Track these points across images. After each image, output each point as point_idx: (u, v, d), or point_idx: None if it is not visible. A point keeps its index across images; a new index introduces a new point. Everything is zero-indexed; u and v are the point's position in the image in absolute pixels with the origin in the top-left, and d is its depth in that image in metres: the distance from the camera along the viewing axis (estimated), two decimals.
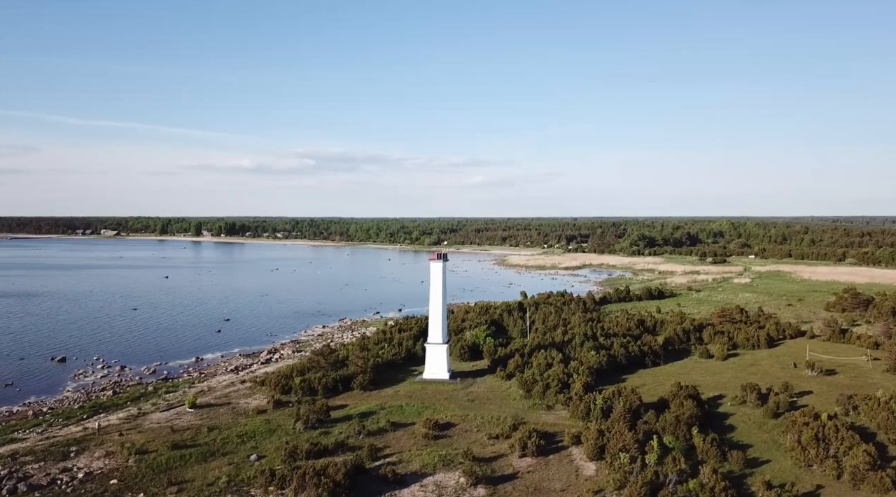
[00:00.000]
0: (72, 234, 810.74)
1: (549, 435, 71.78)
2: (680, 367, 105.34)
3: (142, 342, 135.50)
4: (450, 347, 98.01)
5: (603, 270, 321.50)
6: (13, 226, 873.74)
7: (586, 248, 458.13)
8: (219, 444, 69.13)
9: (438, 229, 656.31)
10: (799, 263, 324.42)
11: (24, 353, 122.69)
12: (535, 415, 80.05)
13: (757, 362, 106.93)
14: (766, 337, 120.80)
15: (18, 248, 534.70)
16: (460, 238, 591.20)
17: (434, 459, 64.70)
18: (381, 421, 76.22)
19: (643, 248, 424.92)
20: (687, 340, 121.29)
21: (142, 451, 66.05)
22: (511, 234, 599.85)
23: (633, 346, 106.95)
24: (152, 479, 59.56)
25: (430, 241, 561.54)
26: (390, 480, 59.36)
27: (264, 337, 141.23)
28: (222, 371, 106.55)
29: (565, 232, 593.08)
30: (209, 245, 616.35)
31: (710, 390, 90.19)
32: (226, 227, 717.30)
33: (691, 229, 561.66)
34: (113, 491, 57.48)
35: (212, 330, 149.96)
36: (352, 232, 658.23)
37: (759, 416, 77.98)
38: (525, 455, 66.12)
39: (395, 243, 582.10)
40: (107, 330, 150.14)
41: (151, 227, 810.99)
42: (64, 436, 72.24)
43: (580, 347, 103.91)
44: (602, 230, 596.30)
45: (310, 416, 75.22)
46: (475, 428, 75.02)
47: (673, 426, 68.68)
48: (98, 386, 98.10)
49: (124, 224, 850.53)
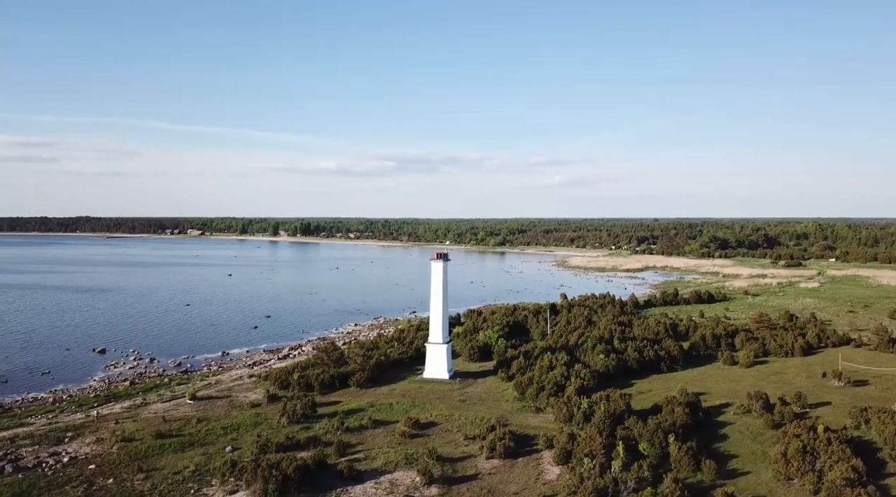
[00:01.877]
0: (161, 233, 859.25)
1: (526, 438, 70.65)
2: (698, 373, 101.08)
3: (181, 336, 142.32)
4: (451, 347, 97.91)
5: (665, 273, 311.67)
6: (110, 226, 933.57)
7: (654, 250, 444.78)
8: (202, 435, 71.92)
9: (507, 230, 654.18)
10: (882, 268, 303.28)
11: (71, 344, 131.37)
12: (521, 417, 78.90)
13: (783, 371, 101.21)
14: (804, 344, 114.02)
15: (111, 247, 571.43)
16: (528, 239, 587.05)
17: (399, 458, 64.94)
18: (363, 418, 77.05)
19: (714, 251, 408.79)
20: (717, 346, 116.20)
21: (128, 439, 69.59)
22: (580, 235, 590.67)
23: (649, 350, 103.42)
24: (126, 466, 62.64)
25: (494, 242, 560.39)
26: (346, 476, 60.07)
27: (296, 333, 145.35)
28: (240, 365, 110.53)
29: (636, 233, 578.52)
30: (284, 245, 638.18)
31: (719, 398, 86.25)
32: (301, 228, 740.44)
33: (772, 231, 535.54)
34: (87, 475, 60.89)
35: (250, 326, 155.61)
36: (420, 232, 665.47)
37: (759, 426, 73.94)
38: (492, 457, 65.38)
39: (461, 244, 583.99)
40: (155, 324, 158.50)
41: (233, 227, 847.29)
42: (67, 422, 77.03)
43: (591, 350, 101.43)
44: (676, 231, 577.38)
45: (295, 411, 77.00)
46: (456, 428, 74.74)
47: (651, 433, 66.20)
48: (121, 376, 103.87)
49: (209, 224, 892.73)
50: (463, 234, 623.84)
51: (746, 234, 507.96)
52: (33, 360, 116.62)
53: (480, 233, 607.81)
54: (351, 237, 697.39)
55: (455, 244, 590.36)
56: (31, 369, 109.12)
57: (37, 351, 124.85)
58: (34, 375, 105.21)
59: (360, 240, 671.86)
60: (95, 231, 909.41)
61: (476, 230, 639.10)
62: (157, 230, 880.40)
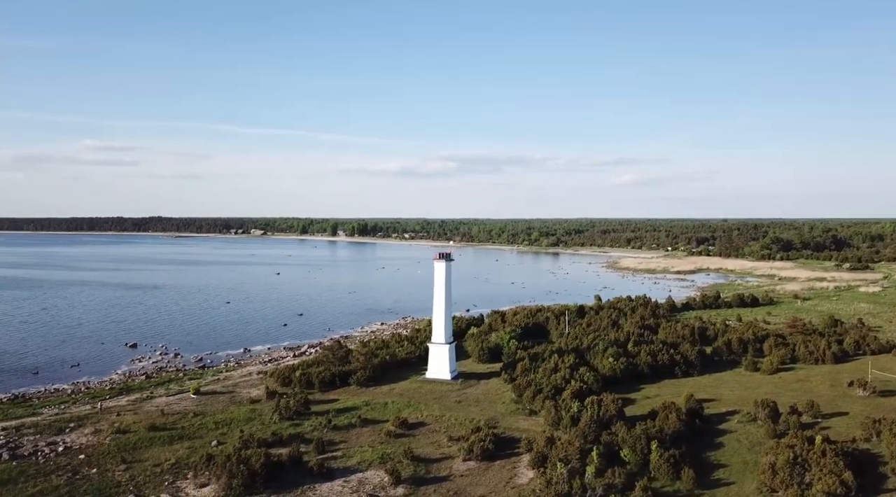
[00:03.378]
0: (226, 233, 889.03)
1: (510, 440, 69.51)
2: (714, 379, 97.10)
3: (212, 332, 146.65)
4: (454, 347, 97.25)
5: (718, 275, 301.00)
6: (180, 226, 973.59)
7: (712, 252, 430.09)
8: (193, 429, 73.84)
9: (563, 230, 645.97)
10: None
11: (108, 339, 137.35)
12: (512, 419, 77.65)
13: (807, 378, 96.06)
14: (837, 351, 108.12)
15: (175, 246, 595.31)
16: (583, 240, 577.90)
17: (374, 457, 64.96)
18: (354, 417, 77.39)
19: (775, 252, 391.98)
20: (743, 351, 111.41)
21: (122, 431, 72.12)
22: (637, 235, 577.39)
23: (664, 354, 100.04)
24: (112, 457, 64.85)
25: (547, 243, 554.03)
26: (316, 474, 60.47)
27: (321, 331, 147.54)
28: (256, 362, 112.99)
29: (696, 234, 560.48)
30: (341, 245, 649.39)
31: (728, 405, 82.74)
32: (358, 228, 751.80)
33: (844, 232, 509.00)
34: (75, 465, 63.41)
35: (281, 324, 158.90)
36: (474, 233, 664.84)
37: (760, 436, 70.47)
38: (469, 459, 64.61)
39: (514, 244, 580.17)
40: (192, 320, 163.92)
41: (294, 227, 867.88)
42: (73, 413, 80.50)
43: (602, 354, 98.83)
44: (740, 231, 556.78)
45: (288, 407, 78.09)
46: (443, 429, 74.19)
47: (634, 439, 63.98)
48: (142, 370, 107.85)
49: (271, 224, 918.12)
50: (517, 234, 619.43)
51: (814, 235, 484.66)
52: (68, 352, 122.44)
53: (534, 233, 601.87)
54: (406, 238, 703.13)
55: (508, 245, 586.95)
56: (63, 362, 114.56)
57: (75, 344, 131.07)
58: (64, 368, 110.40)
59: (413, 240, 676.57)
60: (166, 231, 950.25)
61: (531, 231, 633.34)
62: (223, 230, 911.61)
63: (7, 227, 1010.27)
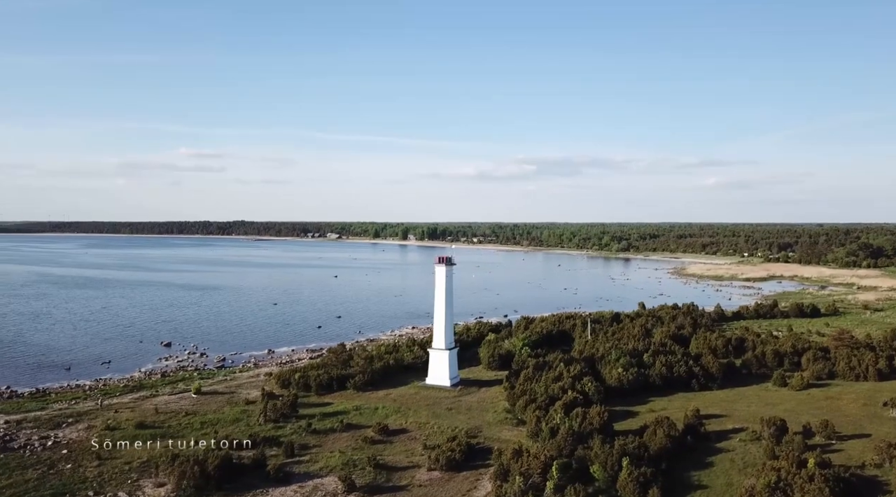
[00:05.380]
0: (303, 236, 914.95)
1: (485, 451, 67.17)
2: (734, 393, 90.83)
3: (248, 333, 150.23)
4: (455, 353, 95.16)
5: (791, 283, 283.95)
6: (260, 229, 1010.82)
7: (791, 258, 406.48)
8: (178, 428, 75.14)
9: (637, 235, 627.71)
10: None
11: (148, 337, 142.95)
12: (497, 429, 75.04)
13: (839, 396, 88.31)
14: (885, 368, 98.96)
15: (251, 249, 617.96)
16: (657, 244, 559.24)
17: (338, 463, 64.00)
18: (337, 421, 76.70)
19: (861, 259, 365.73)
20: (778, 364, 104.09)
21: (111, 428, 74.24)
22: (714, 240, 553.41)
23: (680, 366, 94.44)
24: (90, 453, 66.32)
25: (617, 248, 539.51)
26: (272, 478, 60.12)
27: (352, 334, 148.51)
28: (273, 363, 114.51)
29: (778, 239, 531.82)
30: (411, 248, 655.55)
31: (737, 422, 77.25)
32: (428, 232, 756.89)
33: None
34: (55, 459, 65.59)
35: (316, 325, 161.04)
36: (544, 237, 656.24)
37: (757, 456, 65.04)
38: (434, 469, 62.74)
39: (584, 249, 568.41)
40: (235, 321, 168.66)
41: (368, 231, 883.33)
42: (77, 409, 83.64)
43: (614, 363, 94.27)
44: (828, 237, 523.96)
45: (276, 409, 78.36)
46: (423, 437, 72.49)
47: (606, 455, 60.26)
48: (162, 369, 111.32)
49: (347, 228, 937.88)
50: (589, 239, 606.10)
51: None
52: (105, 350, 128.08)
53: (605, 238, 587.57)
54: (474, 241, 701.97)
55: (578, 249, 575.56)
56: (97, 359, 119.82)
57: (116, 342, 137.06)
58: (95, 364, 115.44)
59: (481, 245, 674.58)
60: (248, 234, 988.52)
61: (602, 234, 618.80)
62: (300, 233, 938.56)
63: (107, 230, 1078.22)
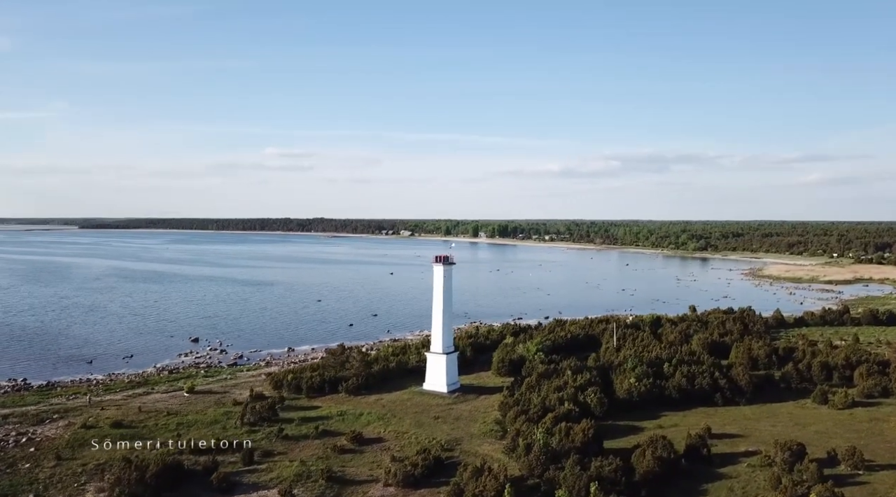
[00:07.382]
0: (377, 233, 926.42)
1: (453, 466, 61.40)
2: (762, 410, 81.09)
3: (281, 329, 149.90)
4: (454, 357, 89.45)
5: (880, 286, 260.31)
6: (337, 226, 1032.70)
7: (886, 260, 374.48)
8: (152, 429, 73.26)
9: (718, 234, 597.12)
10: None
11: (180, 332, 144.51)
12: (477, 442, 69.16)
13: (886, 418, 77.04)
14: None
15: (322, 245, 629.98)
16: (740, 244, 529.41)
17: (291, 474, 60.03)
18: (313, 428, 72.73)
19: None
20: (827, 378, 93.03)
21: (88, 426, 73.21)
22: (803, 240, 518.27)
23: (703, 378, 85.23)
24: (52, 453, 65.31)
25: (694, 247, 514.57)
26: (214, 488, 56.77)
27: (379, 333, 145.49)
28: (285, 362, 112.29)
29: (876, 239, 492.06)
30: (482, 246, 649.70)
31: (753, 444, 68.67)
32: (499, 230, 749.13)
33: None
34: (19, 457, 64.78)
35: (348, 323, 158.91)
36: (619, 235, 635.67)
37: (761, 485, 56.70)
38: (390, 484, 57.87)
39: (660, 248, 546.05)
40: (273, 317, 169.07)
41: (440, 228, 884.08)
42: (67, 405, 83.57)
43: (629, 372, 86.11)
44: None
45: (255, 412, 75.46)
46: (397, 447, 67.66)
47: (575, 479, 53.53)
48: (176, 365, 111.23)
49: (420, 226, 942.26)
50: (667, 237, 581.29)
51: None
52: (133, 344, 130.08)
53: (682, 236, 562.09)
54: (546, 239, 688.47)
55: (653, 248, 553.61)
56: (121, 353, 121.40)
57: (148, 337, 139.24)
58: (117, 359, 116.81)
59: (553, 242, 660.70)
60: (325, 231, 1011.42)
61: (679, 233, 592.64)
62: (375, 231, 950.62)
63: (195, 226, 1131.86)
